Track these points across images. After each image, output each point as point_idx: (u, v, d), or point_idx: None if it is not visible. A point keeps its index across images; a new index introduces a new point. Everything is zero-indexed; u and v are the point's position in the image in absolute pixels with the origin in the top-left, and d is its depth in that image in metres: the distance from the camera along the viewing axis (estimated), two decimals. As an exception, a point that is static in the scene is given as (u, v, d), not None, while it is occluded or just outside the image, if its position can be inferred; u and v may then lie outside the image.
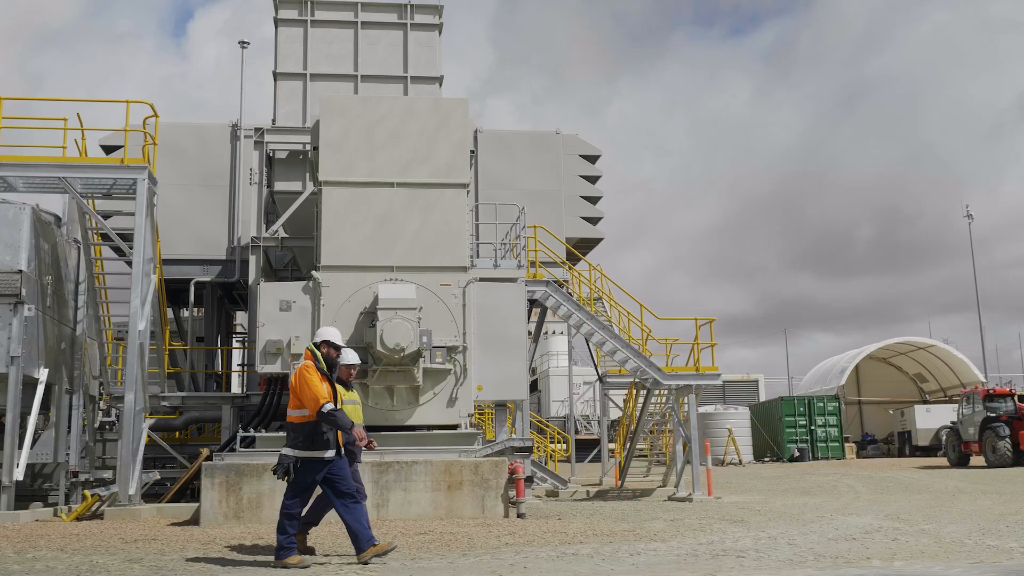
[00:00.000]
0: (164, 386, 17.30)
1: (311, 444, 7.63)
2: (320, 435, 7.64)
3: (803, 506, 13.92)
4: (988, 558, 7.20)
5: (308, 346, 8.24)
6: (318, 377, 7.72)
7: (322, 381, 7.72)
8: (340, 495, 7.67)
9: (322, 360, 7.92)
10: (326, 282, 15.25)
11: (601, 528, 10.30)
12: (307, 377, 7.66)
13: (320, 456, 7.65)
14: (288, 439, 7.83)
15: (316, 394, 7.57)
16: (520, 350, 15.91)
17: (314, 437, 7.62)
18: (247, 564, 7.73)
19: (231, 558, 8.04)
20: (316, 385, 7.62)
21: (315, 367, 7.81)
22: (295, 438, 7.70)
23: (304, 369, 7.76)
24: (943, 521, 10.58)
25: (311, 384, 7.62)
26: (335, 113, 16.01)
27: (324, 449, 7.66)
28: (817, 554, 7.59)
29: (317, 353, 7.96)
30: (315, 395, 7.57)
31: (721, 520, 11.36)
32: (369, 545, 7.55)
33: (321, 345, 8.04)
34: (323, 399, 7.56)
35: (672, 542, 8.72)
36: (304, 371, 7.73)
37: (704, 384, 17.63)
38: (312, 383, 7.62)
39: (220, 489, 12.04)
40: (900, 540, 8.47)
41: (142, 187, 13.77)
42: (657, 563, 7.30)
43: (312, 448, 7.63)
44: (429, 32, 21.03)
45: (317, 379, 7.68)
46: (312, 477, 7.69)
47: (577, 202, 23.00)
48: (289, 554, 7.50)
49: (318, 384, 7.64)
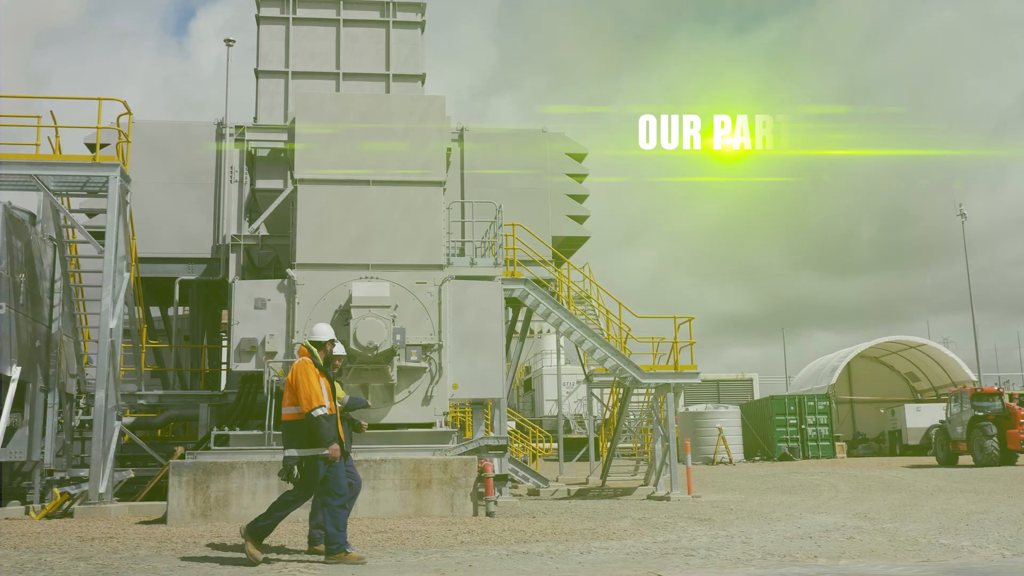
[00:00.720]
0: (141, 384, 17.25)
1: (313, 441, 7.51)
2: None
3: (777, 505, 13.88)
4: (936, 557, 7.16)
5: (304, 343, 8.11)
6: (316, 375, 7.62)
7: (320, 379, 7.64)
8: (330, 494, 7.61)
9: (319, 357, 7.82)
10: (301, 280, 15.22)
11: (564, 527, 10.26)
12: (307, 373, 7.56)
13: (322, 452, 7.55)
14: (287, 440, 7.70)
15: (311, 394, 7.48)
16: (496, 348, 15.88)
17: (315, 433, 7.50)
18: (196, 561, 7.70)
19: (183, 555, 8.01)
20: (314, 385, 7.52)
21: (313, 364, 7.71)
22: (294, 437, 7.58)
23: (303, 366, 7.66)
24: (908, 520, 10.54)
25: (310, 382, 7.51)
26: (311, 111, 15.99)
27: (326, 445, 7.56)
28: (767, 552, 7.55)
29: (314, 350, 7.85)
30: (310, 395, 7.48)
31: (688, 519, 11.32)
32: (340, 551, 7.52)
33: (328, 344, 7.97)
34: (317, 402, 7.46)
35: (628, 540, 8.68)
36: (303, 368, 7.63)
37: (683, 383, 17.56)
38: (311, 382, 7.52)
39: (187, 487, 12.02)
40: (855, 539, 8.43)
41: (114, 184, 13.74)
42: (604, 561, 7.26)
43: (315, 445, 7.51)
44: (411, 30, 20.93)
45: (315, 378, 7.58)
46: (321, 473, 7.57)
47: (563, 200, 22.90)
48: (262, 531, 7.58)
49: (316, 384, 7.54)
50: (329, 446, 7.51)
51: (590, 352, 17.68)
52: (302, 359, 7.79)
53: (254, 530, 7.60)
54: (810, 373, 43.85)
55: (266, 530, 7.71)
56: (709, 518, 11.35)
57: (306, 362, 7.72)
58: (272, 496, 12.16)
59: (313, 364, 7.72)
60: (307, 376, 7.57)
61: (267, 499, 12.13)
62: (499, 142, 22.85)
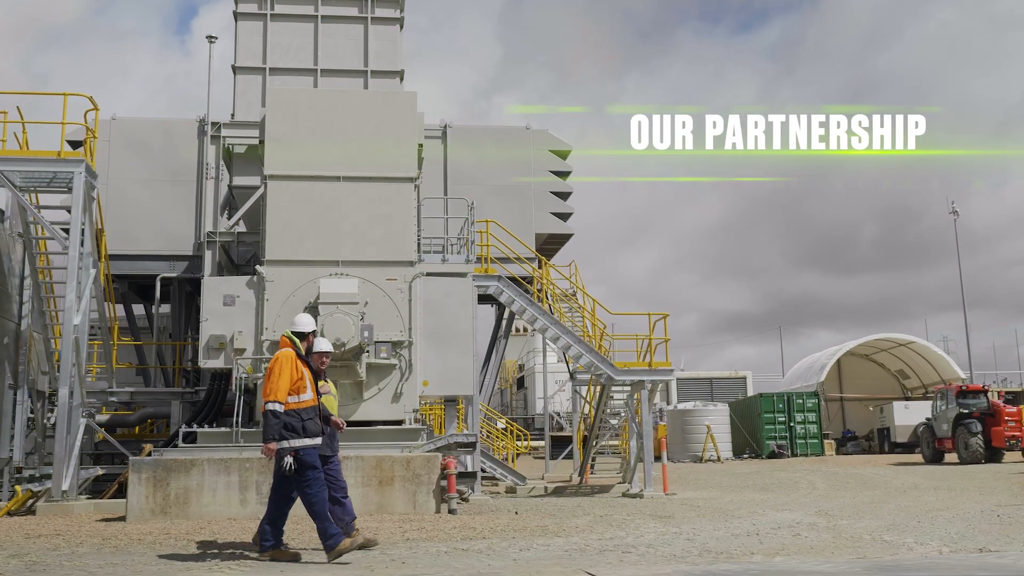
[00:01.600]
0: (112, 381, 17.20)
1: (303, 431, 7.39)
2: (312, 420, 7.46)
3: (747, 502, 13.81)
4: (872, 554, 7.09)
5: (285, 333, 7.94)
6: (294, 369, 7.46)
7: (301, 368, 7.51)
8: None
9: (301, 347, 7.69)
10: (270, 276, 15.16)
11: (520, 524, 10.20)
12: (284, 366, 7.42)
13: (314, 442, 7.46)
14: None
15: (276, 388, 7.35)
16: (467, 345, 15.81)
17: (304, 424, 7.40)
18: (133, 556, 7.64)
19: (124, 552, 7.95)
20: (284, 380, 7.37)
21: (295, 355, 7.57)
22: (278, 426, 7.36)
23: (283, 357, 7.51)
24: (865, 517, 10.46)
25: (280, 376, 7.37)
26: (282, 106, 15.94)
27: (316, 435, 7.49)
28: (706, 550, 7.48)
29: (296, 341, 7.72)
30: (274, 388, 7.35)
31: (648, 516, 11.25)
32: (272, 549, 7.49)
33: (309, 335, 7.86)
34: (274, 396, 7.31)
35: (575, 537, 8.61)
36: (281, 359, 7.49)
37: (658, 380, 17.48)
38: (282, 376, 7.37)
39: (147, 485, 11.96)
40: (801, 536, 8.36)
41: (79, 180, 13.68)
42: (539, 559, 7.20)
43: (306, 435, 7.40)
44: (390, 26, 20.81)
45: (290, 373, 7.43)
46: (317, 462, 7.45)
47: (547, 197, 22.84)
48: (339, 540, 7.26)
49: (286, 379, 7.38)
50: (267, 443, 7.37)
51: (565, 349, 17.61)
52: (284, 350, 7.64)
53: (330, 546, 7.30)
54: (800, 371, 43.74)
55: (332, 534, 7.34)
56: (670, 515, 11.28)
57: (287, 353, 7.57)
58: (233, 494, 12.18)
59: (296, 355, 7.58)
60: (281, 369, 7.42)
61: (228, 496, 12.17)
62: (482, 139, 22.81)
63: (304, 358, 7.67)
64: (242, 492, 12.09)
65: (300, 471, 7.37)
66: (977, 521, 9.43)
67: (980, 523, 9.22)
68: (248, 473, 12.14)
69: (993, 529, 8.62)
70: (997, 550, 7.09)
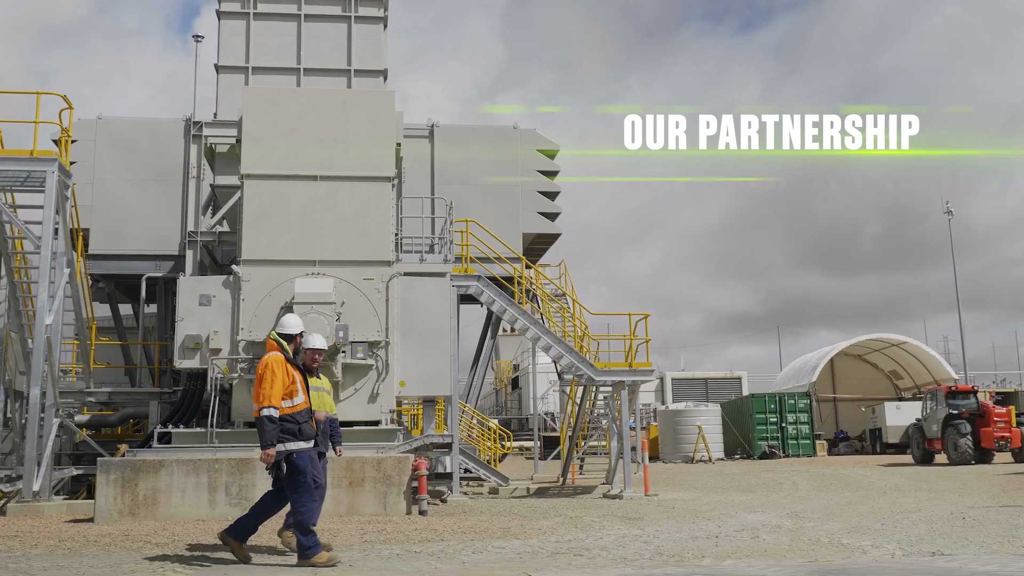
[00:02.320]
0: (90, 381, 17.14)
1: (300, 434, 7.31)
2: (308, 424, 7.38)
3: (723, 503, 13.74)
4: (823, 557, 7.01)
5: (272, 335, 7.81)
6: (285, 374, 7.36)
7: (291, 371, 7.41)
8: None
9: (289, 350, 7.59)
10: (247, 276, 15.12)
11: (485, 526, 10.13)
12: (273, 370, 7.31)
13: (309, 445, 7.38)
14: None
15: (267, 393, 7.25)
16: (445, 345, 15.76)
17: (300, 427, 7.31)
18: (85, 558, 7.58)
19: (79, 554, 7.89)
20: (277, 386, 7.27)
21: (284, 359, 7.46)
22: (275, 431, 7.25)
23: (272, 361, 7.38)
24: (833, 519, 10.38)
25: (271, 381, 7.26)
26: (258, 106, 15.88)
27: (309, 438, 7.41)
28: (658, 553, 7.40)
29: (284, 343, 7.61)
30: (265, 394, 7.25)
31: (617, 518, 11.17)
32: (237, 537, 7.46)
33: (297, 336, 7.76)
34: (267, 401, 7.22)
35: (533, 540, 8.54)
36: (270, 363, 7.36)
37: (639, 380, 17.38)
38: (273, 380, 7.27)
39: (115, 486, 11.89)
40: (760, 539, 8.28)
41: (51, 179, 13.60)
42: (487, 561, 7.13)
43: (299, 438, 7.31)
44: (374, 25, 20.78)
45: (282, 377, 7.33)
46: (307, 465, 7.34)
47: (535, 197, 22.73)
48: (316, 552, 7.14)
49: (278, 384, 7.28)
50: (266, 449, 7.22)
51: (545, 349, 17.52)
52: (272, 353, 7.51)
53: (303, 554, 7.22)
54: (792, 371, 43.64)
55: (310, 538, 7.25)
56: (640, 517, 11.21)
57: (276, 357, 7.44)
58: (202, 495, 12.12)
59: (284, 358, 7.47)
60: (272, 373, 7.30)
61: (197, 497, 12.10)
62: (470, 139, 22.71)
63: (292, 360, 7.57)
64: (211, 493, 12.02)
65: (292, 474, 7.27)
66: (942, 523, 9.35)
67: (944, 526, 9.14)
68: (217, 474, 12.07)
69: (955, 532, 8.54)
70: (950, 554, 7.01)
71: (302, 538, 7.18)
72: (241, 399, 14.68)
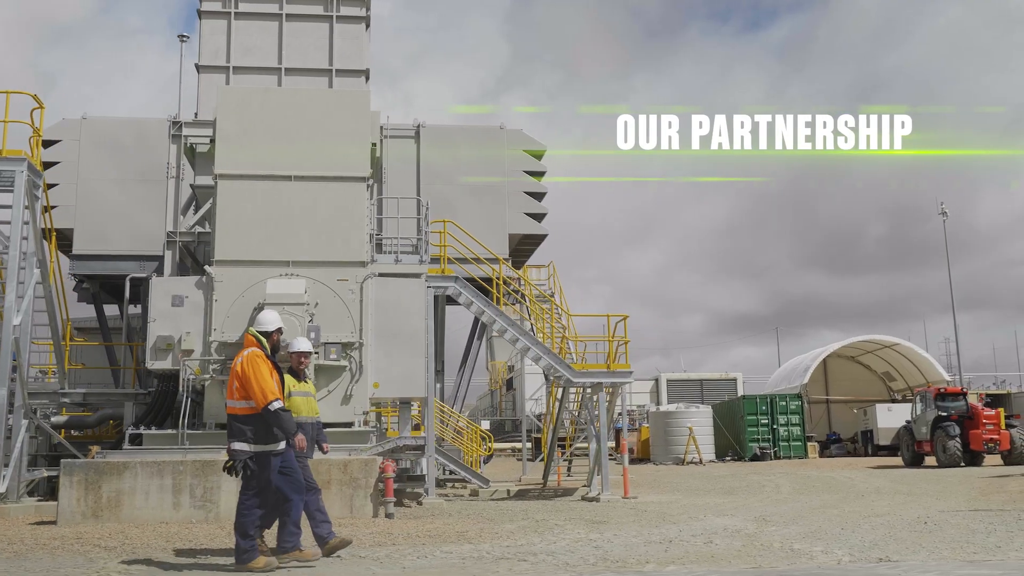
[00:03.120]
0: (64, 382, 17.05)
1: (267, 436, 7.16)
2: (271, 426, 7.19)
3: (697, 506, 13.64)
4: (772, 562, 6.89)
5: (250, 331, 7.72)
6: (268, 367, 7.25)
7: (271, 371, 7.28)
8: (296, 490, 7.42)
9: (267, 347, 7.47)
10: (219, 277, 15.02)
11: (443, 529, 10.03)
12: (258, 366, 7.18)
13: (276, 448, 7.23)
14: (235, 433, 7.26)
15: (265, 387, 7.10)
16: (419, 347, 15.64)
17: (268, 429, 7.15)
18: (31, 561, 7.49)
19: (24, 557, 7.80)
20: (266, 377, 7.14)
21: (264, 355, 7.34)
22: (245, 431, 7.16)
23: (254, 357, 7.26)
24: (798, 523, 10.26)
25: (261, 375, 7.12)
26: (233, 105, 15.78)
27: (277, 441, 7.24)
28: (604, 558, 7.29)
29: (263, 340, 7.50)
30: (264, 388, 7.09)
31: (582, 521, 11.06)
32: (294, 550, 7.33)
33: (274, 333, 7.63)
34: (272, 395, 7.09)
35: (485, 544, 8.44)
36: (253, 360, 7.23)
37: (617, 382, 17.26)
38: (262, 374, 7.14)
39: (79, 487, 11.80)
40: (713, 544, 8.15)
41: (20, 179, 13.53)
42: (429, 567, 7.03)
43: (268, 441, 7.17)
44: (355, 24, 20.68)
45: (267, 370, 7.21)
46: (271, 472, 7.21)
47: (521, 198, 22.62)
48: (253, 557, 7.02)
49: (268, 376, 7.16)
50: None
51: (524, 351, 17.42)
52: (251, 349, 7.39)
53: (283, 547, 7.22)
54: (784, 373, 43.48)
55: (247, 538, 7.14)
56: (604, 520, 11.10)
57: (256, 353, 7.32)
58: (166, 497, 12.03)
59: (264, 355, 7.35)
60: (258, 368, 7.16)
61: (160, 499, 12.02)
62: (456, 139, 22.60)
63: (271, 358, 7.44)
64: (175, 495, 11.93)
65: (256, 475, 7.14)
66: (902, 528, 9.22)
67: (903, 531, 9.01)
68: (182, 476, 11.98)
69: (911, 537, 8.42)
70: (897, 560, 6.89)
71: (241, 541, 7.08)
72: (213, 400, 14.58)
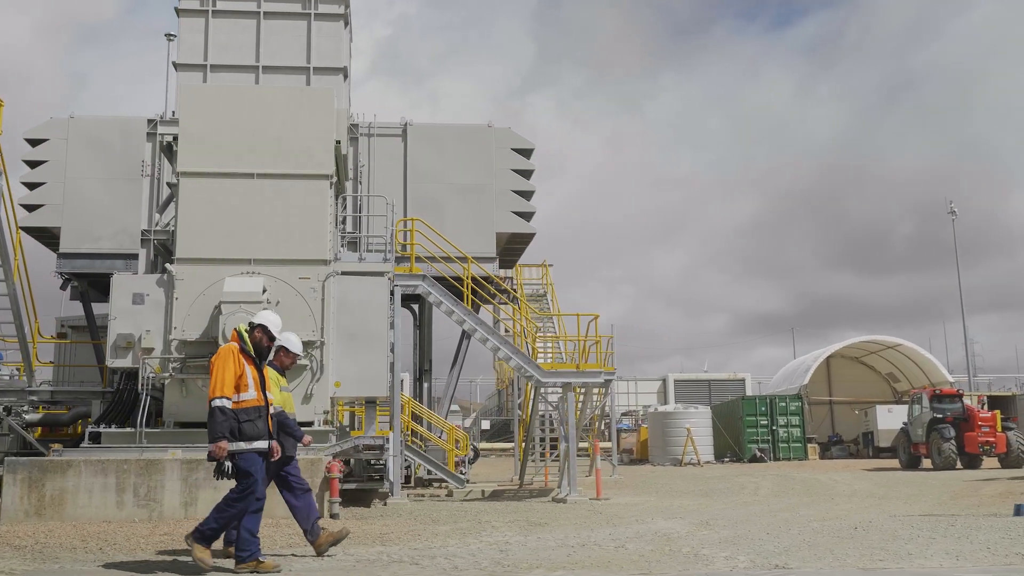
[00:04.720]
0: (32, 380, 17.08)
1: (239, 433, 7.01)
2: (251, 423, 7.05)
3: (654, 508, 13.45)
4: (666, 570, 6.66)
5: (237, 327, 7.61)
6: (235, 363, 7.10)
7: (246, 365, 7.16)
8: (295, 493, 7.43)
9: (250, 344, 7.36)
10: (180, 275, 14.96)
11: (372, 531, 9.91)
12: (226, 360, 7.08)
13: (261, 448, 7.11)
14: None
15: (221, 383, 6.98)
16: (382, 346, 15.51)
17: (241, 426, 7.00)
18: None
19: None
20: (227, 373, 7.00)
21: (240, 350, 7.23)
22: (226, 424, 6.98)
23: (226, 351, 7.18)
24: (738, 527, 10.02)
25: (223, 370, 7.01)
26: (195, 103, 15.74)
27: (258, 438, 7.11)
28: (497, 562, 7.11)
29: (245, 336, 7.40)
30: (218, 383, 6.98)
31: (523, 523, 10.88)
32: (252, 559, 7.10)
33: (256, 329, 7.50)
34: (222, 393, 6.95)
35: (394, 547, 8.29)
36: (224, 353, 7.16)
37: (589, 383, 17.05)
38: (225, 369, 7.02)
39: (22, 486, 11.76)
40: (626, 548, 7.94)
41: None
42: (319, 569, 6.90)
43: (241, 438, 7.02)
44: (334, 22, 20.54)
45: (232, 366, 7.06)
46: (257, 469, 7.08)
47: (509, 196, 22.44)
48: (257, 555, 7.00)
49: (230, 374, 7.02)
50: (216, 442, 6.92)
51: (494, 351, 17.27)
52: (228, 344, 7.33)
53: (199, 536, 7.00)
54: (786, 373, 43.00)
55: (214, 534, 7.07)
56: (544, 523, 10.91)
57: (231, 347, 7.23)
58: (109, 496, 11.96)
59: (240, 350, 7.23)
60: (224, 363, 7.07)
61: (104, 499, 11.95)
62: (444, 137, 22.48)
63: (251, 355, 7.32)
64: (119, 494, 11.87)
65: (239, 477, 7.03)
66: (828, 534, 8.94)
67: (828, 536, 8.74)
68: (126, 475, 11.92)
69: (829, 543, 8.15)
70: (795, 567, 6.65)
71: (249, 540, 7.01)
72: (173, 399, 14.54)
